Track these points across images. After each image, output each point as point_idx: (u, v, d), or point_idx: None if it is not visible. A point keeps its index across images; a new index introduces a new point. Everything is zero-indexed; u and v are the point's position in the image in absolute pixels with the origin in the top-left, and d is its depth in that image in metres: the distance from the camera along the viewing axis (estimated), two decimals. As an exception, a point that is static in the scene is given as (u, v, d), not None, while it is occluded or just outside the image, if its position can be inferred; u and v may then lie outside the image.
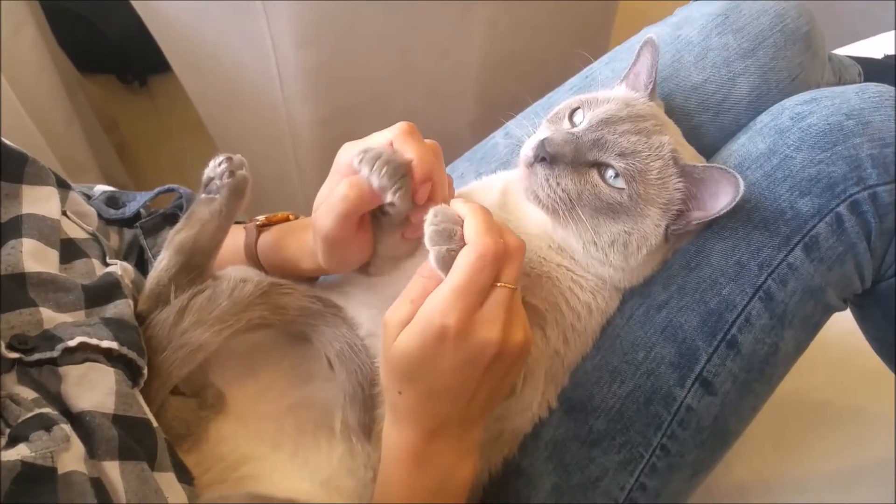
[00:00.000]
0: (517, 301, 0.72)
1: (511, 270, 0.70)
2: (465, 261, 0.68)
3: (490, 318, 0.68)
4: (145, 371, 0.72)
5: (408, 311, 0.70)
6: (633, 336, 0.85)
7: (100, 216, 0.92)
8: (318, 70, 1.51)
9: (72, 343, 0.66)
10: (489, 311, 0.69)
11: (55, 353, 0.65)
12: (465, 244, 0.69)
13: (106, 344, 0.68)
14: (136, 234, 0.96)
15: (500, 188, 0.90)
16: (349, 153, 0.78)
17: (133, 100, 2.36)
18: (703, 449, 0.86)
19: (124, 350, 0.69)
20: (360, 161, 0.75)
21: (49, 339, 0.66)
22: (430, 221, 0.71)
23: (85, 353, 0.67)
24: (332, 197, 0.77)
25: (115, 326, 0.70)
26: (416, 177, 0.76)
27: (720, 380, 0.83)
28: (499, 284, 0.69)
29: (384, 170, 0.74)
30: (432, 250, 0.70)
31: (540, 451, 0.88)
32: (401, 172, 0.75)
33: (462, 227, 0.71)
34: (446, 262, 0.69)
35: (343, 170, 0.79)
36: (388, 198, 0.75)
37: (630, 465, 0.85)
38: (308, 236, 0.86)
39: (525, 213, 0.86)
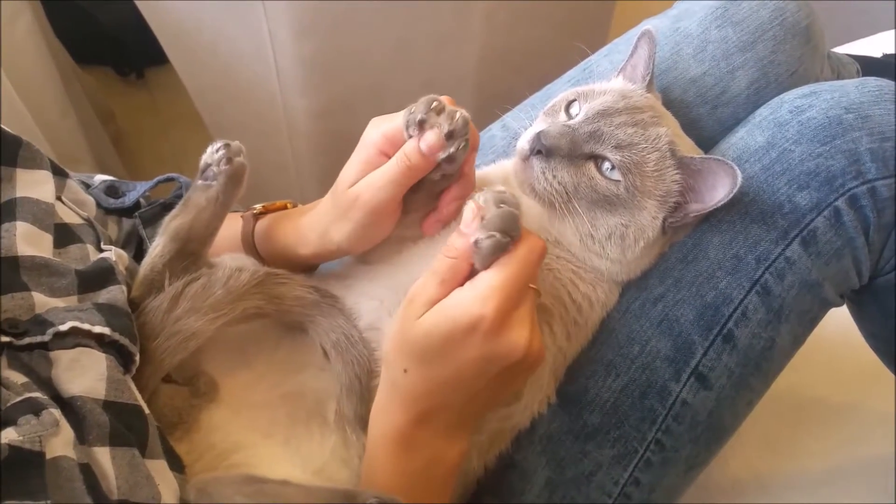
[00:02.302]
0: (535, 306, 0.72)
1: (538, 273, 0.71)
2: (521, 255, 0.67)
3: (523, 319, 0.68)
4: (137, 357, 0.71)
5: (437, 291, 0.69)
6: (629, 329, 0.85)
7: (99, 205, 0.92)
8: (316, 61, 1.51)
9: (63, 328, 0.65)
10: (524, 311, 0.68)
11: (46, 338, 0.65)
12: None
13: (98, 329, 0.67)
14: (136, 223, 0.95)
15: (501, 178, 0.89)
16: (379, 127, 0.78)
17: (130, 92, 2.35)
18: (697, 444, 0.86)
19: (116, 336, 0.69)
20: (428, 110, 0.74)
21: (40, 323, 0.66)
22: (494, 203, 0.68)
23: (76, 338, 0.66)
24: (390, 167, 0.76)
25: (108, 312, 0.70)
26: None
27: (716, 374, 0.83)
28: (531, 286, 0.69)
29: (457, 116, 0.73)
30: (489, 239, 0.67)
31: (534, 445, 0.87)
32: (468, 126, 0.74)
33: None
34: (496, 253, 0.67)
35: (377, 141, 0.78)
36: (452, 148, 0.74)
37: (624, 459, 0.85)
38: (304, 221, 0.85)
39: (522, 204, 0.85)
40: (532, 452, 0.87)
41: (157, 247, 0.82)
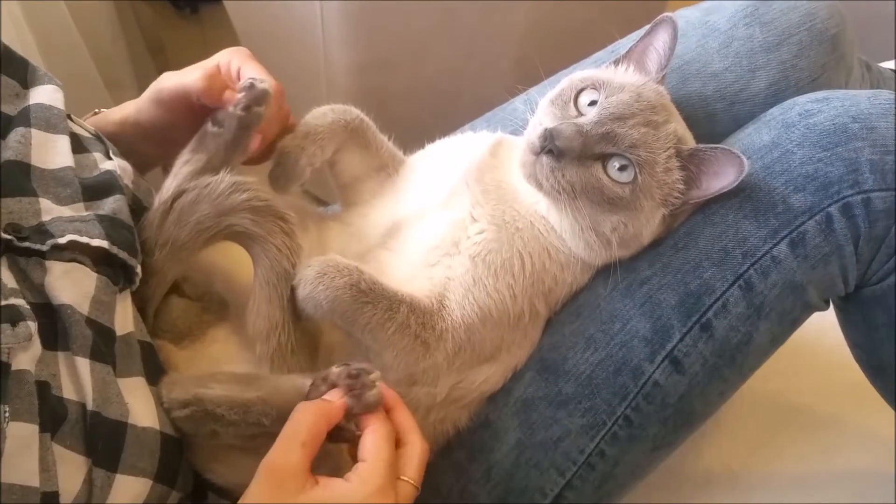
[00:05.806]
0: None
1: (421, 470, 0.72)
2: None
3: None
4: (138, 269, 0.73)
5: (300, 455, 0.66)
6: (613, 307, 0.87)
7: None
8: (362, 16, 1.52)
9: (62, 240, 0.66)
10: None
11: (44, 248, 0.66)
12: None
13: (96, 243, 0.68)
14: None
15: (488, 148, 0.91)
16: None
17: (183, 26, 2.38)
18: (665, 425, 0.88)
19: (115, 250, 0.70)
20: None
21: (42, 233, 0.67)
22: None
23: (73, 253, 0.67)
24: None
25: (109, 224, 0.71)
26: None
27: (690, 360, 0.85)
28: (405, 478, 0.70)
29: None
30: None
31: (509, 406, 0.90)
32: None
33: None
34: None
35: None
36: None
37: (592, 430, 0.87)
38: None
39: (519, 189, 0.88)
40: (506, 413, 0.90)
41: (169, 190, 0.80)
